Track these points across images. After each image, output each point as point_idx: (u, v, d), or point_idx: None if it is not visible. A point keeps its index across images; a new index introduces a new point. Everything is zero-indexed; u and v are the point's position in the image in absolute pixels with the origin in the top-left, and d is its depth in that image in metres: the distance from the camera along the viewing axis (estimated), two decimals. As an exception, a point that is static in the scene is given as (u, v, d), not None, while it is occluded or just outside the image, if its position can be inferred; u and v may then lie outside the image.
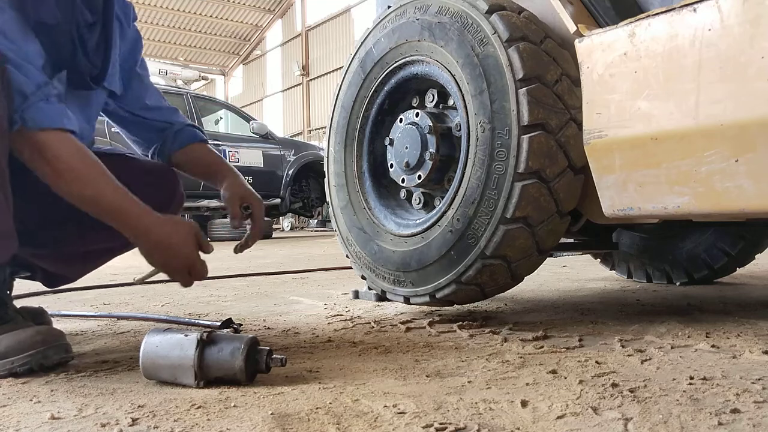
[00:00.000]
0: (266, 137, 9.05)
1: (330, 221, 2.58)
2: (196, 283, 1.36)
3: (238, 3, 25.33)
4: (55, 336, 1.23)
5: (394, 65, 1.81)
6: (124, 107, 1.60)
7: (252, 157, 8.77)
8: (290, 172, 9.15)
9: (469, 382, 1.07)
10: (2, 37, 1.20)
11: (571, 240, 2.13)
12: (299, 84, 24.81)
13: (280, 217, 13.63)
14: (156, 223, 1.27)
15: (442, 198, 1.72)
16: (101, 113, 1.59)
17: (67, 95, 1.35)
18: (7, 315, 1.26)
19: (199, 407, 0.95)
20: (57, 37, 1.32)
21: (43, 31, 1.28)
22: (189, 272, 1.32)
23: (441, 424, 0.84)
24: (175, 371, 1.07)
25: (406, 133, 1.75)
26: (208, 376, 1.07)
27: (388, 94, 1.88)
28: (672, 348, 1.30)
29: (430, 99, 1.79)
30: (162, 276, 1.35)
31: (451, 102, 1.74)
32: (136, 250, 1.34)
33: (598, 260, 2.72)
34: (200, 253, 1.33)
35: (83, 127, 1.38)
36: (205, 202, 8.30)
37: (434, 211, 1.70)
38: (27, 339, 1.19)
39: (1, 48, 1.18)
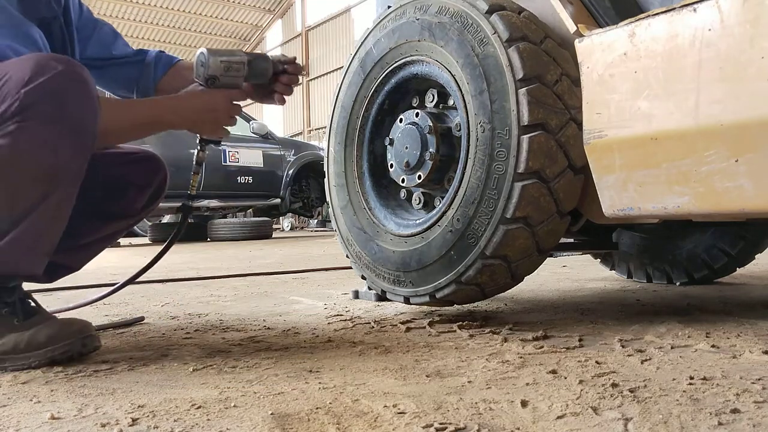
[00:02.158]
0: (266, 137, 9.05)
1: (330, 221, 2.59)
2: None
3: (238, 3, 25.33)
4: (87, 326, 1.31)
5: (394, 65, 1.81)
6: (93, 57, 1.64)
7: (252, 157, 8.77)
8: (290, 172, 9.15)
9: (469, 382, 1.07)
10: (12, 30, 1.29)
11: (571, 240, 2.13)
12: (299, 84, 24.80)
13: (280, 217, 13.64)
14: (188, 101, 1.46)
15: (442, 198, 1.72)
16: None
17: None
18: (33, 309, 1.32)
19: (199, 407, 0.95)
20: (53, 29, 1.41)
21: (43, 25, 1.37)
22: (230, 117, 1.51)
23: (441, 424, 0.84)
24: None
25: (406, 133, 1.75)
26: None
27: (388, 94, 1.88)
28: (672, 348, 1.30)
29: (430, 99, 1.79)
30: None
31: (451, 102, 1.74)
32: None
33: (598, 260, 2.72)
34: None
35: None
36: (205, 202, 8.30)
37: (434, 211, 1.70)
38: (67, 328, 1.27)
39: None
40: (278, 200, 9.12)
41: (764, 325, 1.54)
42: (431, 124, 1.69)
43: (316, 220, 14.04)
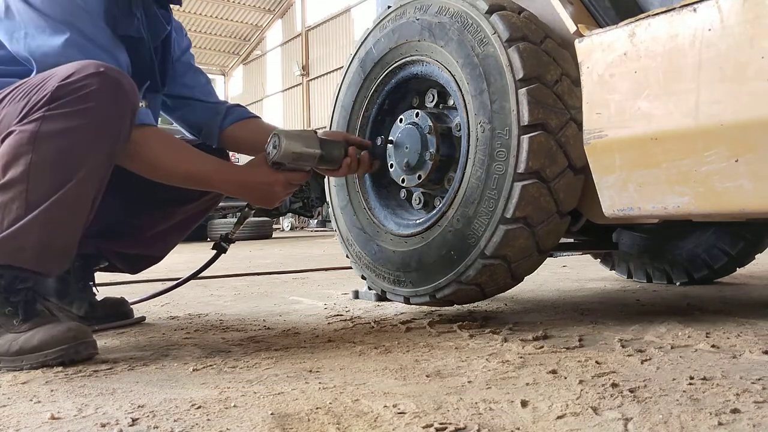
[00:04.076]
0: (266, 137, 9.04)
1: (330, 221, 2.60)
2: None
3: (238, 3, 25.34)
4: (85, 332, 1.31)
5: (394, 65, 1.81)
6: (174, 95, 1.75)
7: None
8: (290, 172, 9.12)
9: (469, 382, 1.07)
10: (101, 50, 1.35)
11: (571, 240, 2.13)
12: (299, 84, 24.82)
13: (280, 217, 13.64)
14: (249, 175, 1.51)
15: (442, 198, 1.72)
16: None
17: (144, 98, 1.52)
18: (35, 310, 1.33)
19: (199, 407, 0.95)
20: (140, 50, 1.48)
21: (129, 44, 1.44)
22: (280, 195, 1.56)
23: (441, 424, 0.84)
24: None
25: (406, 133, 1.75)
26: None
27: (388, 94, 1.88)
28: (672, 348, 1.30)
29: (430, 99, 1.79)
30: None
31: (451, 102, 1.74)
32: None
33: (598, 260, 2.72)
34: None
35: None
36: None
37: (434, 211, 1.70)
38: (60, 334, 1.26)
39: (99, 59, 1.32)
40: (278, 200, 9.09)
41: (764, 325, 1.54)
42: (431, 124, 1.69)
43: (316, 220, 14.05)
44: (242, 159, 8.14)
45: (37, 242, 1.26)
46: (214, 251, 1.81)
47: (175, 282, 1.90)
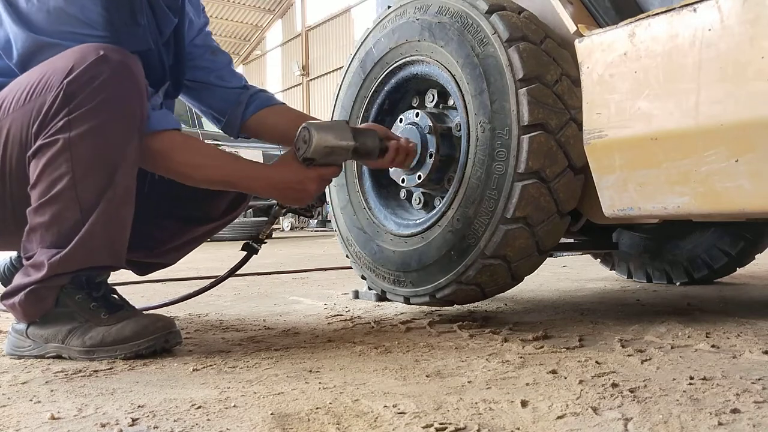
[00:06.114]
0: (266, 137, 9.03)
1: (330, 221, 2.60)
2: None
3: (238, 3, 25.33)
4: (171, 323, 1.35)
5: (394, 65, 1.81)
6: (194, 79, 1.67)
7: (252, 156, 8.69)
8: (290, 171, 9.12)
9: (469, 382, 1.07)
10: None
11: (571, 240, 2.13)
12: (299, 84, 24.81)
13: (280, 217, 13.66)
14: (279, 174, 1.45)
15: (442, 198, 1.72)
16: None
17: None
18: (116, 304, 1.37)
19: (199, 407, 0.95)
20: (149, 61, 1.41)
21: (139, 57, 1.37)
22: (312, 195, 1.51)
23: (441, 424, 0.84)
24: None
25: (407, 133, 1.75)
26: None
27: (388, 94, 1.88)
28: (672, 348, 1.30)
29: (430, 99, 1.79)
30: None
31: (451, 102, 1.74)
32: None
33: (598, 260, 2.72)
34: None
35: None
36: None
37: (434, 211, 1.70)
38: (151, 325, 1.31)
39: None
40: (278, 200, 9.08)
41: (764, 325, 1.54)
42: (431, 124, 1.69)
43: (316, 220, 14.04)
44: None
45: (106, 240, 1.29)
46: (245, 252, 1.73)
47: (202, 286, 1.82)
